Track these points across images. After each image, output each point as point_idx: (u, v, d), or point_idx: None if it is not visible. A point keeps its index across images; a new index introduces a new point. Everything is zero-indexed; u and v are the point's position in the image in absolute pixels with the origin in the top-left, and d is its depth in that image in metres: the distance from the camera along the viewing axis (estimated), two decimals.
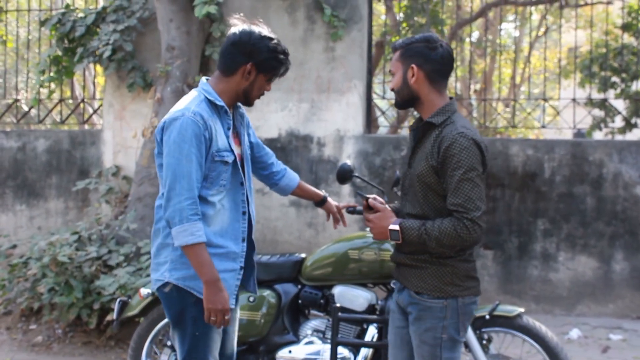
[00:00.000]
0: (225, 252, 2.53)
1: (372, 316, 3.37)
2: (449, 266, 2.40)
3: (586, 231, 5.49)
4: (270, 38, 2.53)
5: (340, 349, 3.33)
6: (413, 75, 2.42)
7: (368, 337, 3.39)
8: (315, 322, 3.55)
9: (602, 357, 4.68)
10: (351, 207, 3.15)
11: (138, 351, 3.67)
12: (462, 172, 2.30)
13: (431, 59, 2.41)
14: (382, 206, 2.51)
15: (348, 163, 3.16)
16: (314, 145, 5.78)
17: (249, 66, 2.51)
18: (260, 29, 2.55)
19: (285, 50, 2.57)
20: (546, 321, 5.08)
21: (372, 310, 3.44)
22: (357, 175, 3.15)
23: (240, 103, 2.64)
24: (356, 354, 3.40)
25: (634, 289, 5.43)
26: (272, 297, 3.56)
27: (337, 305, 3.19)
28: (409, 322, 2.49)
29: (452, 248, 2.34)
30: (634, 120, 7.25)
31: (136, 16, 5.73)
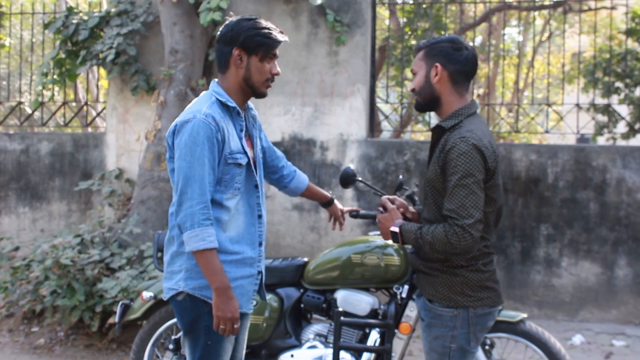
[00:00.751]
0: (242, 258, 2.47)
1: (375, 321, 3.35)
2: (460, 276, 2.36)
3: (589, 237, 5.47)
4: (248, 19, 2.46)
5: (342, 353, 3.33)
6: (436, 75, 2.39)
7: (370, 342, 3.38)
8: (318, 327, 3.54)
9: None
10: (355, 211, 3.17)
11: (140, 354, 3.66)
12: (458, 177, 2.26)
13: (455, 59, 2.38)
14: (392, 207, 2.50)
15: (351, 167, 3.16)
16: (317, 149, 5.78)
17: (235, 52, 2.43)
18: (241, 16, 2.49)
19: (268, 25, 2.46)
20: (549, 327, 5.08)
21: (374, 314, 3.43)
22: (360, 179, 3.15)
23: (250, 96, 2.54)
24: (358, 358, 3.39)
25: (637, 295, 5.41)
26: (274, 301, 3.54)
27: (340, 309, 3.19)
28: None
29: (445, 254, 2.30)
30: (638, 126, 7.25)
31: (140, 20, 5.75)
